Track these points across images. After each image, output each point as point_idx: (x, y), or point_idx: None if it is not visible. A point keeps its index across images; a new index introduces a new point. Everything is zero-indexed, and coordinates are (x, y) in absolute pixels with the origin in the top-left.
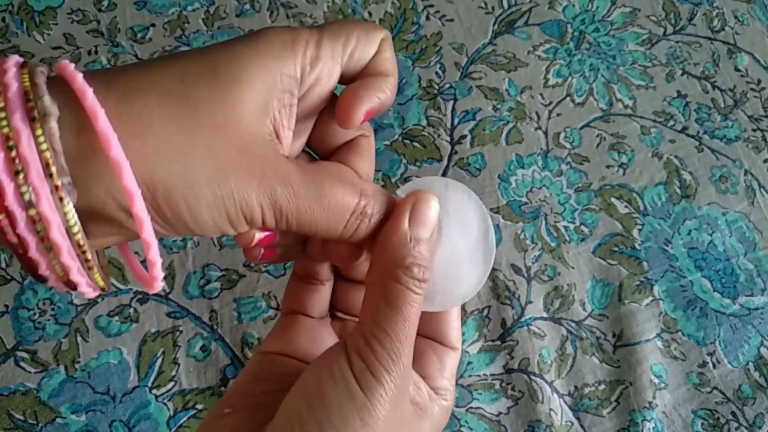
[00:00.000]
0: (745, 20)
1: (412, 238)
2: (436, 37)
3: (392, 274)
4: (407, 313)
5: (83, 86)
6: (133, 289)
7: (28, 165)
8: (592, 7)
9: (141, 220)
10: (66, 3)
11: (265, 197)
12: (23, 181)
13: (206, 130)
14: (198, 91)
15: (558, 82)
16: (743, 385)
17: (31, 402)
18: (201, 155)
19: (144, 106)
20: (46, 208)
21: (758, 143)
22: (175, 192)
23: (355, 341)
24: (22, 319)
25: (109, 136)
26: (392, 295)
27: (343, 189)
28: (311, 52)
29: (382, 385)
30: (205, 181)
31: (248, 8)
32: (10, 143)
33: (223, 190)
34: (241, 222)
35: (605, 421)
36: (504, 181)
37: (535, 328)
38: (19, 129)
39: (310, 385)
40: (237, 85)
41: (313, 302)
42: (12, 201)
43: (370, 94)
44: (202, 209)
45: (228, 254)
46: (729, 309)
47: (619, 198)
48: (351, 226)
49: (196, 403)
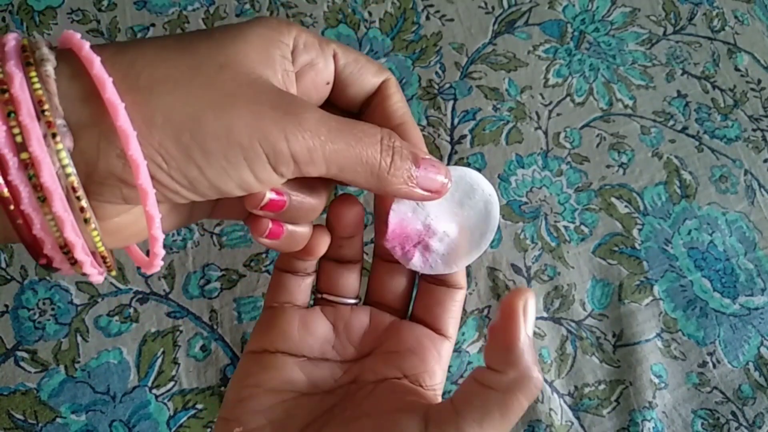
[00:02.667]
0: (745, 20)
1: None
2: (436, 37)
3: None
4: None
5: (79, 40)
6: (133, 289)
7: (19, 105)
8: (592, 7)
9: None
10: (66, 3)
11: (289, 122)
12: (15, 122)
13: (207, 67)
14: (195, 43)
15: (558, 81)
16: (743, 385)
17: (31, 402)
18: (203, 85)
19: (139, 52)
20: (36, 147)
21: (758, 143)
22: (174, 119)
23: (443, 428)
24: (22, 319)
25: (104, 79)
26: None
27: (362, 124)
28: (304, 36)
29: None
30: (209, 105)
31: (248, 8)
32: (2, 87)
33: (230, 112)
34: (258, 156)
35: (605, 421)
36: (504, 180)
37: (535, 328)
38: (13, 73)
39: None
40: (234, 39)
41: (300, 291)
42: (3, 144)
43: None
44: (207, 134)
45: (228, 254)
46: (729, 309)
47: (619, 198)
48: (386, 155)
49: (196, 403)
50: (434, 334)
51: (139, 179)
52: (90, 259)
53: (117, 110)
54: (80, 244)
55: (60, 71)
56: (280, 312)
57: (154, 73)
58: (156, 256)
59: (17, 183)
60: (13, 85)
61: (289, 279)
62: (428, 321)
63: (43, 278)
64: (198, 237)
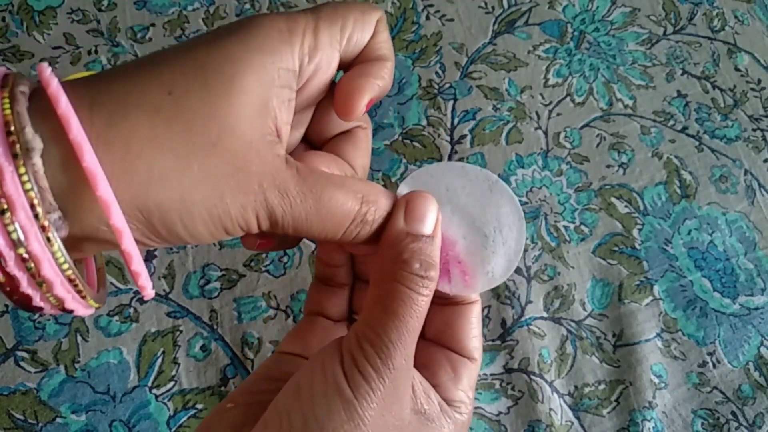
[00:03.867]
0: (745, 20)
1: (409, 234)
2: (436, 37)
3: (388, 273)
4: (401, 312)
5: (67, 113)
6: (133, 289)
7: (13, 204)
8: (592, 7)
9: (130, 255)
10: (66, 3)
11: (261, 208)
12: (9, 220)
13: (200, 149)
14: (189, 103)
15: (558, 81)
16: (743, 385)
17: (31, 402)
18: (195, 177)
19: (133, 126)
20: (35, 246)
21: (758, 143)
22: (170, 214)
23: (348, 340)
24: (22, 319)
25: (96, 174)
26: (385, 294)
27: (343, 197)
28: (309, 41)
29: (369, 384)
30: (201, 202)
31: (248, 8)
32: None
33: (220, 208)
34: (236, 230)
35: (605, 421)
36: (504, 180)
37: (535, 328)
38: (2, 166)
39: (302, 379)
40: (230, 90)
41: (332, 304)
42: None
43: (370, 82)
44: (198, 226)
45: (228, 254)
46: (729, 309)
47: (619, 198)
48: (350, 233)
49: (196, 403)
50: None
51: (123, 245)
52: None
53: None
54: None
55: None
56: (310, 323)
57: (149, 165)
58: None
59: (15, 273)
60: (5, 183)
61: (324, 290)
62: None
63: None
64: None
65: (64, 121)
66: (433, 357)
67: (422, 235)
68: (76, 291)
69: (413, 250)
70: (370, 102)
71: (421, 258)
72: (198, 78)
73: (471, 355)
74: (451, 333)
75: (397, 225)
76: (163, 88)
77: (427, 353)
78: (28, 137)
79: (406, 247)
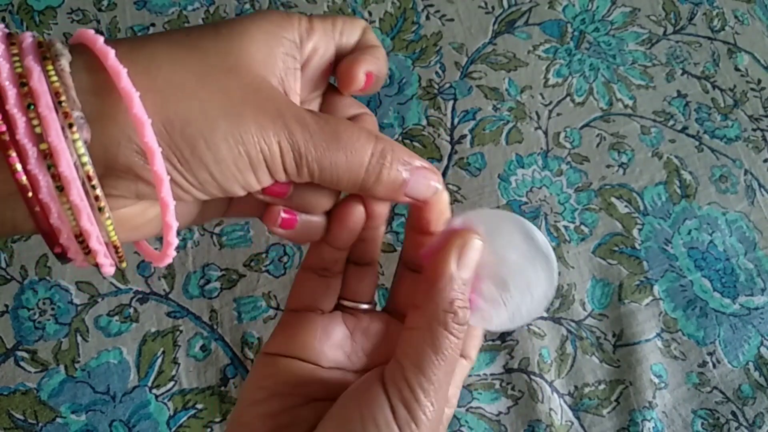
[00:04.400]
0: (745, 20)
1: (459, 278)
2: (436, 37)
3: (440, 320)
4: (450, 358)
5: (93, 35)
6: (133, 289)
7: (38, 97)
8: (592, 7)
9: (160, 178)
10: (66, 2)
11: (283, 135)
12: (34, 114)
13: (217, 71)
14: (204, 42)
15: (558, 81)
16: (743, 385)
17: (31, 402)
18: (214, 91)
19: (154, 50)
20: (55, 138)
21: (758, 143)
22: (191, 126)
23: (397, 385)
24: (22, 319)
25: (118, 70)
26: (438, 341)
27: (358, 131)
28: (305, 24)
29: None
30: (221, 115)
31: (248, 8)
32: (22, 80)
33: (240, 124)
34: (261, 163)
35: (605, 421)
36: (504, 180)
37: (535, 328)
38: (31, 67)
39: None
40: (240, 38)
41: (325, 296)
42: (23, 135)
43: (367, 57)
44: (220, 143)
45: (228, 254)
46: (729, 309)
47: (619, 198)
48: (373, 169)
49: (196, 403)
50: None
51: (155, 165)
52: (103, 249)
53: (132, 99)
54: (95, 233)
55: (75, 65)
56: (303, 319)
57: (170, 76)
58: (170, 244)
59: (36, 172)
60: (32, 79)
61: (316, 282)
62: None
63: (43, 278)
64: (198, 237)
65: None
66: None
67: (466, 280)
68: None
69: (460, 299)
70: (369, 76)
71: (463, 307)
72: (211, 30)
73: (468, 355)
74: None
75: (451, 268)
76: (181, 32)
77: None
78: (58, 47)
79: (456, 295)
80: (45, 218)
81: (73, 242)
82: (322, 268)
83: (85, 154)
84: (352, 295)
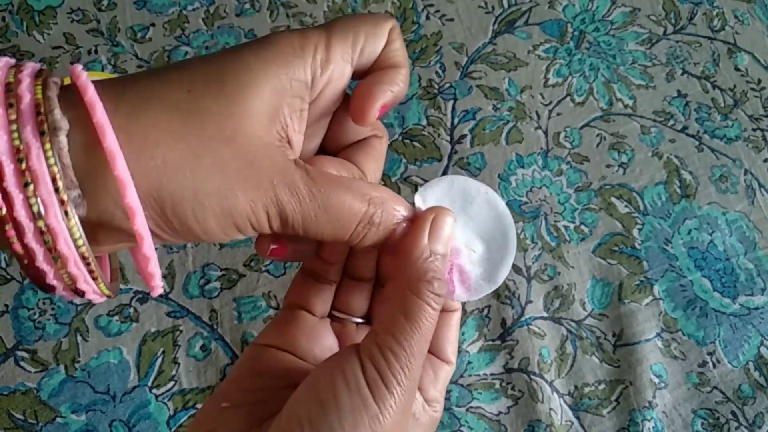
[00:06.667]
0: (745, 20)
1: (432, 252)
2: (436, 37)
3: (413, 288)
4: (424, 327)
5: (93, 100)
6: (133, 289)
7: (37, 178)
8: (592, 7)
9: (141, 236)
10: (66, 2)
11: (271, 205)
12: (32, 193)
13: (214, 143)
14: (205, 102)
15: (558, 81)
16: (743, 385)
17: (31, 401)
18: (208, 168)
19: (152, 119)
20: (53, 220)
21: (758, 143)
22: (183, 204)
23: (369, 348)
24: (22, 319)
25: (115, 154)
26: (411, 309)
27: (351, 199)
28: (321, 54)
29: (393, 397)
30: (213, 193)
31: (248, 8)
32: (20, 156)
33: (231, 201)
34: (247, 228)
35: (605, 421)
36: (504, 180)
37: (535, 328)
38: (29, 142)
39: (323, 386)
40: (245, 94)
41: (318, 300)
42: (20, 212)
43: (384, 89)
44: (210, 219)
45: (228, 254)
46: (729, 309)
47: (619, 197)
48: (357, 234)
49: (196, 403)
50: (433, 357)
51: (136, 225)
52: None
53: (115, 159)
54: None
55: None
56: (295, 316)
57: (166, 154)
58: (154, 288)
59: (32, 246)
60: (31, 158)
61: (311, 285)
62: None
63: None
64: None
65: (90, 106)
66: None
67: (440, 255)
68: (88, 270)
69: (435, 270)
70: (383, 108)
71: (438, 278)
72: (216, 81)
73: (449, 359)
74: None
75: (422, 242)
76: (183, 86)
77: None
78: (56, 117)
79: (430, 266)
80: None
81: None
82: (316, 274)
83: (81, 237)
84: (344, 307)
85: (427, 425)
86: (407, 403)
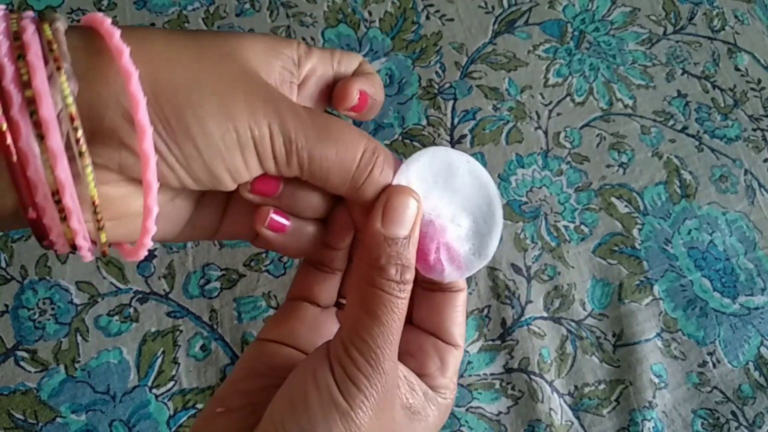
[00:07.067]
0: (746, 20)
1: (386, 237)
2: (436, 37)
3: (365, 277)
4: (385, 317)
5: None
6: (133, 289)
7: (28, 47)
8: (592, 7)
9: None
10: (66, 3)
11: (274, 118)
12: (23, 64)
13: (212, 55)
14: (201, 36)
15: (558, 81)
16: (743, 385)
17: (31, 401)
18: (207, 70)
19: (150, 35)
20: (39, 83)
21: (758, 143)
22: (180, 94)
23: (335, 348)
24: (22, 319)
25: (112, 31)
26: (366, 300)
27: (350, 129)
28: (304, 47)
29: (363, 393)
30: (212, 91)
31: (248, 8)
32: (16, 35)
33: (231, 101)
34: (249, 143)
35: (605, 421)
36: (504, 180)
37: (535, 328)
38: (26, 25)
39: (295, 389)
40: (239, 42)
41: (323, 290)
42: (9, 81)
43: (362, 79)
44: (208, 117)
45: (228, 254)
46: (729, 309)
47: (619, 197)
48: (364, 165)
49: (196, 403)
50: (439, 341)
51: (138, 114)
52: (83, 231)
53: (122, 53)
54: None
55: (71, 33)
56: (297, 308)
57: (164, 51)
58: (147, 231)
59: (18, 119)
60: (26, 33)
61: (315, 274)
62: (430, 329)
63: (43, 278)
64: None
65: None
66: (422, 347)
67: (399, 238)
68: (75, 140)
69: (390, 255)
70: (362, 95)
71: (397, 263)
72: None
73: (456, 342)
74: (439, 320)
75: (374, 226)
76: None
77: (416, 342)
78: (56, 16)
79: (383, 252)
80: (22, 171)
81: (50, 202)
82: (319, 263)
83: (70, 95)
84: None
85: (436, 415)
86: (383, 397)
